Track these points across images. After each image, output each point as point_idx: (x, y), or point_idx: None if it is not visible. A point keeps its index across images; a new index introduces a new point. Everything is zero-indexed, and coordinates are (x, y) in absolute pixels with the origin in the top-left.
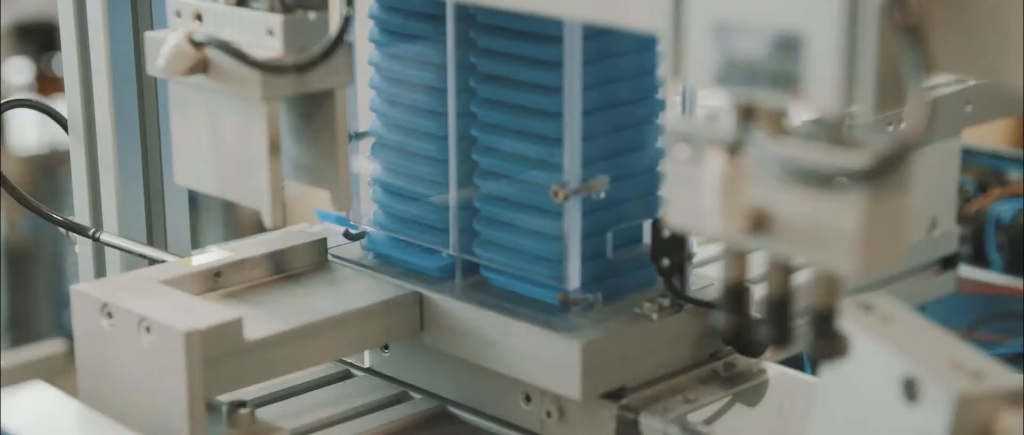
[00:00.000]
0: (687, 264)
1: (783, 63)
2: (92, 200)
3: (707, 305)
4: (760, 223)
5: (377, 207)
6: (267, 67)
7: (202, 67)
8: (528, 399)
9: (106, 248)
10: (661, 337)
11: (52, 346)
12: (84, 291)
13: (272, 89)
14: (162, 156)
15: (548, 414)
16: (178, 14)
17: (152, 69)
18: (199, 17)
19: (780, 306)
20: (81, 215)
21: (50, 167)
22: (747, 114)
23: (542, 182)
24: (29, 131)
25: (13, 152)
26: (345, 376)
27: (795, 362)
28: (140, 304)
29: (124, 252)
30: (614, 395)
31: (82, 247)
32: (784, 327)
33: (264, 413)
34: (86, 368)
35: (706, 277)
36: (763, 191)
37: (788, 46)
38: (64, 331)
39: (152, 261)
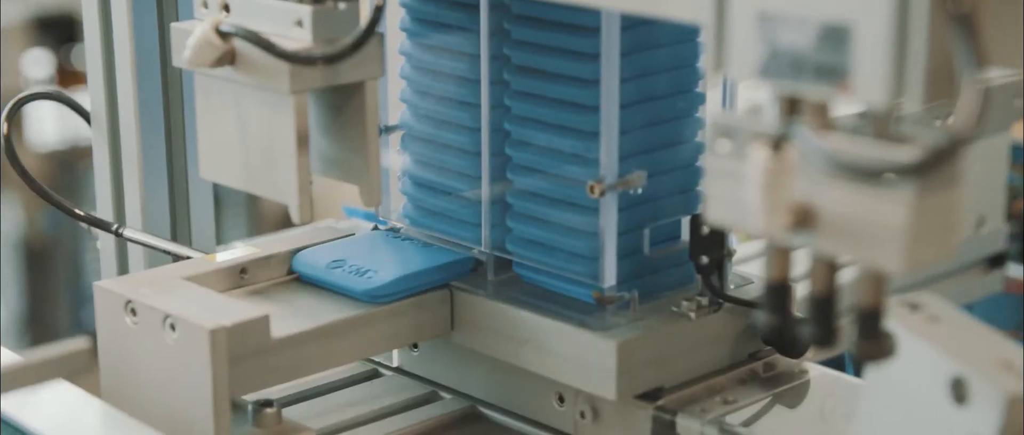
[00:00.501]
0: (726, 262)
1: (830, 55)
2: (115, 195)
3: (747, 304)
4: (804, 219)
5: (406, 201)
6: (296, 59)
7: (229, 59)
8: (561, 399)
9: (129, 244)
10: (699, 337)
11: (74, 344)
12: (107, 288)
13: (300, 81)
14: (187, 150)
15: (582, 415)
16: (205, 5)
17: (178, 60)
18: (226, 7)
19: (824, 305)
20: (104, 210)
21: (70, 162)
22: (791, 107)
23: (577, 177)
24: (48, 125)
25: (32, 147)
26: (373, 375)
27: (836, 363)
28: (164, 301)
29: (147, 248)
30: (650, 396)
31: (105, 243)
32: (828, 327)
33: (290, 412)
34: (109, 366)
35: (745, 275)
36: (807, 186)
37: (835, 37)
38: (83, 328)
39: (176, 257)
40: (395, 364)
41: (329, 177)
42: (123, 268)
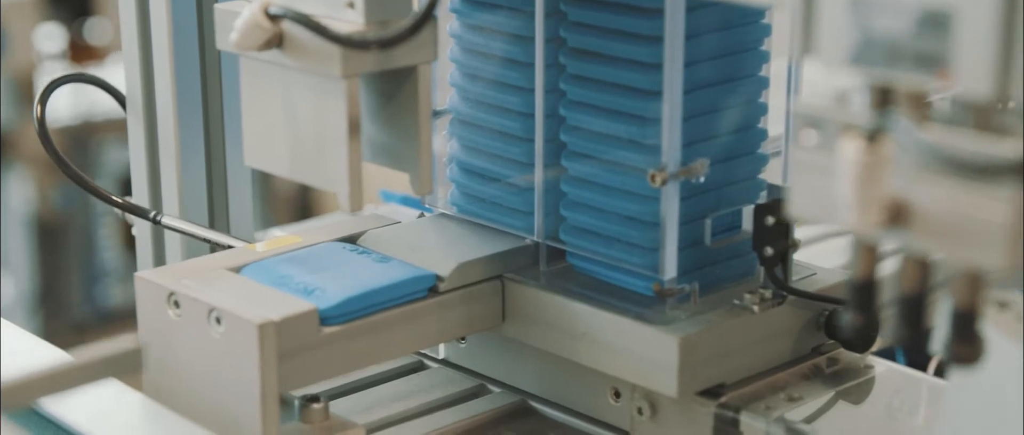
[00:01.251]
0: (790, 253)
1: (929, 42)
2: (151, 181)
3: (812, 297)
4: (898, 215)
5: (454, 188)
6: (349, 43)
7: (277, 42)
8: (617, 395)
9: (166, 232)
10: (762, 331)
11: (124, 343)
12: (149, 279)
13: (353, 66)
14: (225, 134)
15: (639, 411)
16: None
17: (223, 43)
18: None
19: (914, 305)
20: (139, 196)
21: (82, 138)
22: (884, 97)
23: (636, 164)
24: (61, 101)
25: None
26: (418, 367)
27: (886, 353)
28: (209, 293)
29: (186, 236)
30: (712, 392)
31: (140, 230)
32: (918, 327)
33: (334, 407)
34: (151, 360)
35: (807, 265)
36: (902, 181)
37: (935, 23)
38: (94, 304)
39: (214, 246)
40: (441, 356)
41: (378, 164)
42: (159, 257)
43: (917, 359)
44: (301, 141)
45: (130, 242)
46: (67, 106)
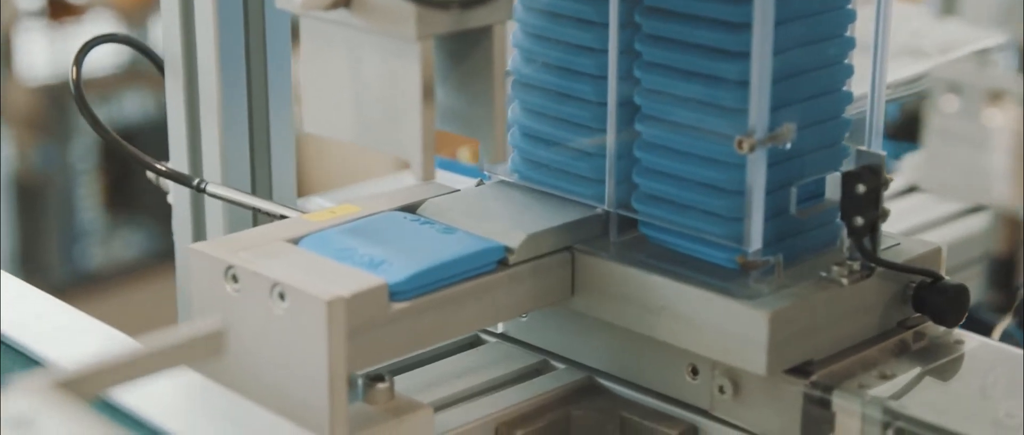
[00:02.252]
0: (880, 223)
1: None
2: (191, 147)
3: (902, 269)
4: None
5: (515, 154)
6: (427, 1)
7: (345, 1)
8: (695, 372)
9: (207, 201)
10: (852, 305)
11: (206, 325)
12: (204, 251)
13: (428, 26)
14: (268, 98)
15: (720, 389)
16: None
17: (284, 2)
18: None
19: None
20: (178, 163)
21: (60, 97)
22: None
23: (718, 129)
24: (38, 58)
25: (21, 81)
26: (475, 343)
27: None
28: (270, 266)
29: (229, 205)
30: (800, 370)
31: (178, 199)
32: None
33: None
34: None
35: (890, 235)
36: None
37: None
38: (74, 265)
39: (260, 217)
40: (499, 330)
41: (448, 130)
42: (198, 227)
43: None
44: (369, 106)
45: (110, 203)
46: (45, 64)
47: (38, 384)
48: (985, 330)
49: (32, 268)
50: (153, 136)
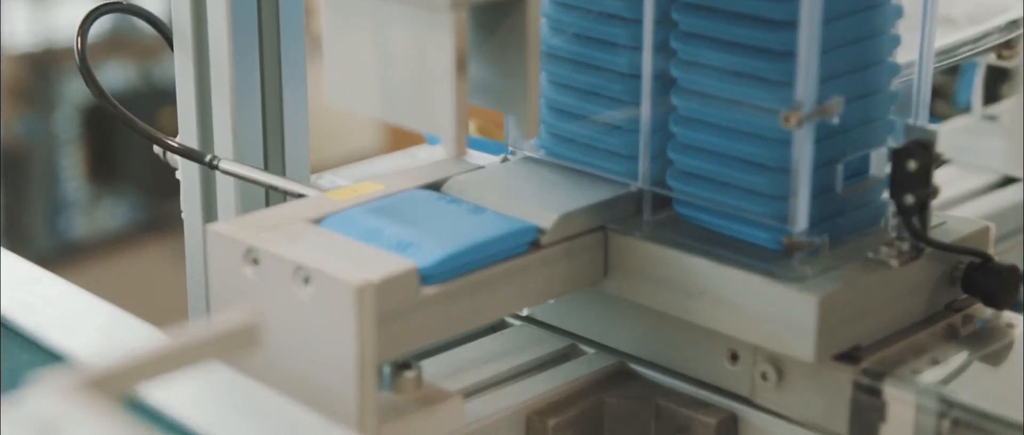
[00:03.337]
0: (930, 201)
1: None
2: (201, 122)
3: (953, 250)
4: None
5: (542, 129)
6: None
7: None
8: (734, 357)
9: (217, 178)
10: (901, 287)
11: (240, 318)
12: (222, 232)
13: None
14: (281, 71)
15: (763, 376)
16: None
17: None
18: None
19: None
20: (187, 138)
21: (44, 66)
22: None
23: (761, 103)
24: (20, 26)
25: (6, 50)
26: (500, 326)
27: None
28: (293, 249)
29: (242, 183)
30: (848, 356)
31: (187, 176)
32: None
33: None
34: None
35: (936, 214)
36: None
37: None
38: (58, 235)
39: (272, 195)
40: (524, 313)
41: (479, 105)
42: (209, 205)
43: None
44: (397, 80)
45: (93, 173)
46: (26, 32)
47: (65, 383)
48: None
49: (16, 238)
50: (136, 107)
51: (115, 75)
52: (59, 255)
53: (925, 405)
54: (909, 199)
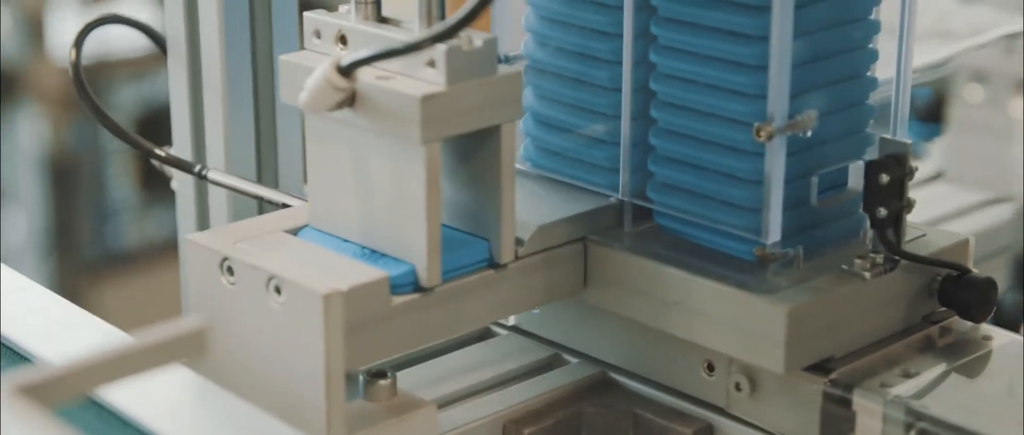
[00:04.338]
0: (904, 214)
1: None
2: (194, 132)
3: (928, 262)
4: None
5: (528, 141)
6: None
7: (350, 101)
8: (711, 368)
9: (210, 188)
10: (875, 299)
11: (189, 324)
12: (199, 242)
13: (433, 129)
14: (275, 82)
15: (737, 387)
16: (317, 35)
17: (287, 97)
18: (343, 40)
19: None
20: (181, 148)
21: (93, 78)
22: None
23: (737, 116)
24: (70, 39)
25: (55, 62)
26: (486, 335)
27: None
28: (267, 258)
29: (238, 193)
30: (819, 367)
31: (182, 186)
32: None
33: (398, 379)
34: None
35: (916, 226)
36: None
37: None
38: (105, 243)
39: (264, 205)
40: (511, 323)
41: (454, 226)
42: (202, 215)
43: None
44: (374, 207)
45: (142, 182)
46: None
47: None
48: (1011, 327)
49: (65, 247)
50: None
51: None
52: (108, 264)
53: (893, 416)
54: (882, 212)
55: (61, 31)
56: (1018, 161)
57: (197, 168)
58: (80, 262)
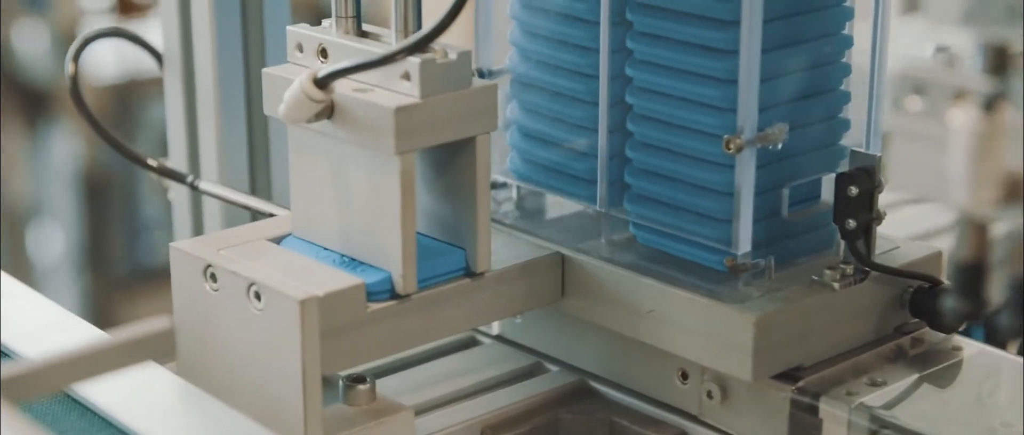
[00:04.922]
0: (874, 226)
1: None
2: (189, 143)
3: (897, 273)
4: (1015, 192)
5: (513, 153)
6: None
7: (328, 113)
8: (685, 376)
9: (205, 197)
10: (844, 310)
11: (156, 324)
12: (184, 250)
13: (408, 141)
14: None
15: (709, 395)
16: (299, 48)
17: (269, 109)
18: (324, 53)
19: None
20: (176, 159)
21: (125, 97)
22: (999, 60)
23: (709, 130)
24: (106, 57)
25: (89, 81)
26: (470, 344)
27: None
28: (249, 266)
29: (226, 202)
30: (788, 375)
31: (178, 196)
32: None
33: (382, 385)
34: (186, 338)
35: (889, 238)
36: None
37: None
38: (137, 258)
39: (256, 214)
40: (495, 332)
41: (431, 235)
42: (197, 224)
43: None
44: (352, 215)
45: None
46: (112, 63)
47: None
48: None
49: (99, 263)
50: None
51: None
52: (141, 279)
53: (858, 424)
54: (851, 223)
55: (94, 49)
56: (954, 169)
57: (188, 178)
58: (113, 278)
